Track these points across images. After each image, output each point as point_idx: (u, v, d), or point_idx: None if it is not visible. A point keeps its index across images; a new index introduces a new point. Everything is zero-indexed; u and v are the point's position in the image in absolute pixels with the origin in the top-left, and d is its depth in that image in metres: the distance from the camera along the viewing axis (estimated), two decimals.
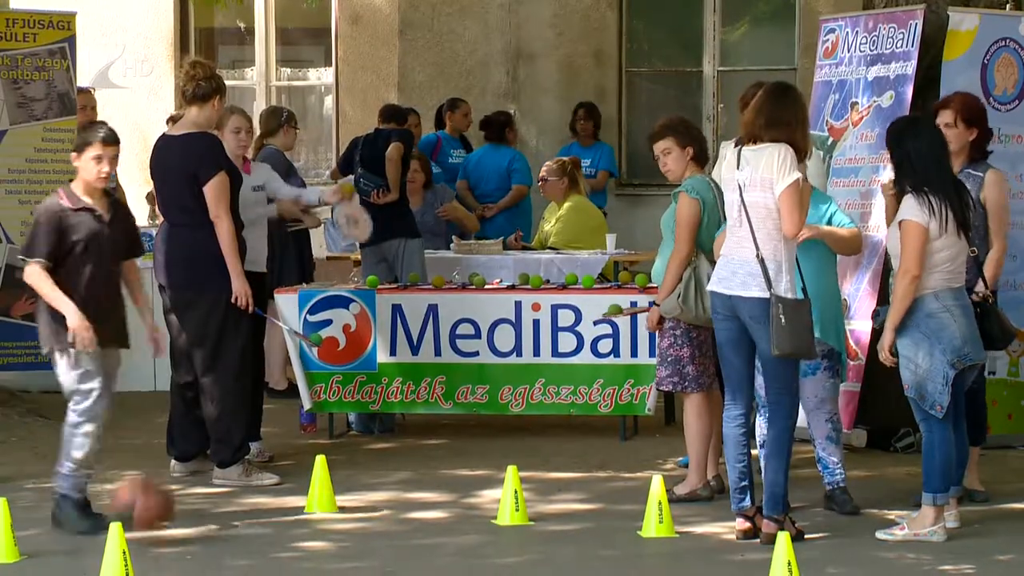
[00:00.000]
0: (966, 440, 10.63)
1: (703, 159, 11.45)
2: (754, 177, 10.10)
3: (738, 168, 10.21)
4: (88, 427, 10.39)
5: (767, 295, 9.99)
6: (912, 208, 10.13)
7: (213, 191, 11.78)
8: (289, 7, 20.59)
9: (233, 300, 11.86)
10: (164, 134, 12.96)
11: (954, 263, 10.21)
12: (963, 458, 10.55)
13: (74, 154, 9.90)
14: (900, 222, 10.24)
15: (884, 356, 10.32)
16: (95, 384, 10.33)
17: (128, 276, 10.63)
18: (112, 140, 10.19)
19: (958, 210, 10.16)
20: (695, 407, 11.41)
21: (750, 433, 10.47)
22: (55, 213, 10.18)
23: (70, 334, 10.05)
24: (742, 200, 10.12)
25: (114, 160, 10.22)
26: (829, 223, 11.07)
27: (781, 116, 10.21)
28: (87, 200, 10.19)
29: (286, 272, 15.09)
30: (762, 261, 10.02)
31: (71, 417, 10.49)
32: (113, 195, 10.54)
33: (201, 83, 12.09)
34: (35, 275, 10.17)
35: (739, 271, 10.17)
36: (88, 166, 10.07)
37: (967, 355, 10.18)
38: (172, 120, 16.35)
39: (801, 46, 18.89)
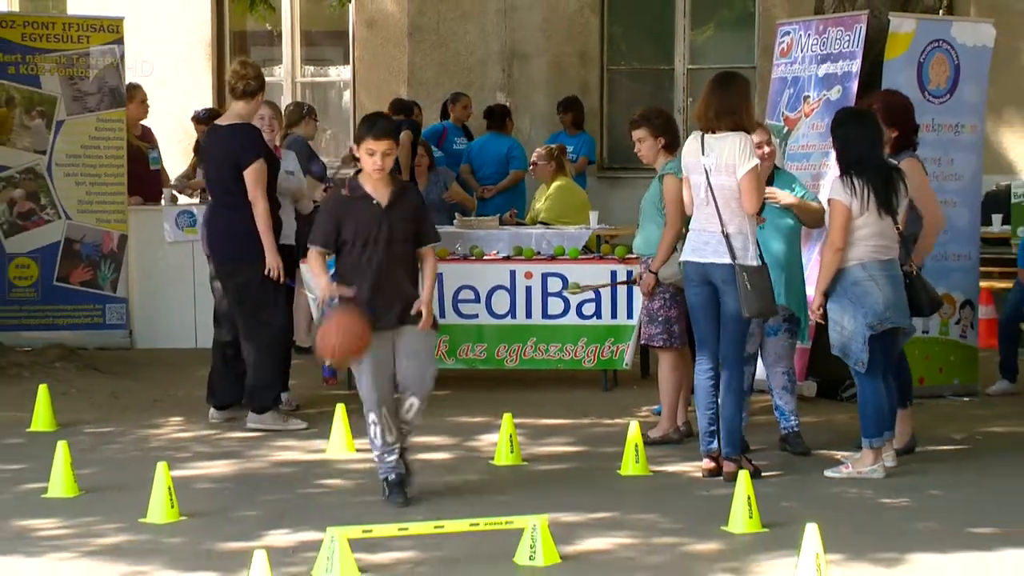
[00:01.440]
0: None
1: (674, 147, 11.50)
2: (719, 163, 10.20)
3: (703, 154, 10.28)
4: (371, 416, 9.50)
5: (733, 262, 10.15)
6: (837, 189, 10.35)
7: (252, 175, 11.86)
8: (312, 12, 20.56)
9: (267, 272, 11.97)
10: (213, 124, 13.05)
11: (880, 238, 10.29)
12: (895, 406, 10.63)
13: (354, 145, 9.41)
14: (828, 200, 10.38)
15: (813, 315, 10.62)
16: (364, 368, 9.42)
17: (425, 262, 9.68)
18: (384, 135, 9.34)
19: (881, 192, 10.27)
20: (672, 361, 11.51)
21: (717, 385, 10.53)
22: (334, 202, 9.81)
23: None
24: (708, 183, 10.22)
25: (387, 155, 9.33)
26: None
27: (727, 105, 10.34)
28: (366, 189, 9.42)
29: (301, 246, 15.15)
30: (727, 236, 10.16)
31: None
32: (400, 184, 9.73)
33: (251, 81, 12.22)
34: (311, 259, 9.64)
35: (710, 241, 10.28)
36: (364, 158, 9.34)
37: (888, 319, 10.28)
38: (196, 119, 16.39)
39: (760, 47, 18.88)
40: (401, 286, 9.45)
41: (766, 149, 10.97)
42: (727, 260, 10.20)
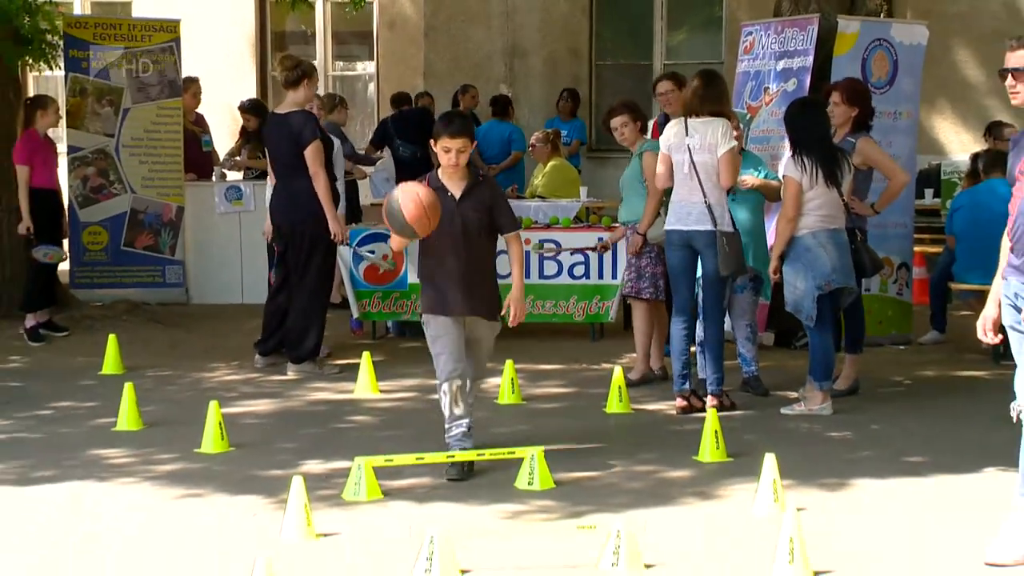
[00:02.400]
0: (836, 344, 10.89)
1: (645, 130, 11.57)
2: (702, 143, 10.41)
3: (687, 136, 10.45)
4: (443, 387, 8.72)
5: (714, 228, 10.35)
6: (789, 166, 10.48)
7: (311, 153, 11.85)
8: (341, 16, 20.48)
9: (332, 237, 12.05)
10: (272, 112, 13.13)
11: (828, 208, 10.40)
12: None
13: (432, 140, 8.63)
14: (782, 177, 10.45)
15: (771, 276, 10.70)
16: (439, 348, 8.69)
17: (509, 250, 8.83)
18: (459, 133, 8.54)
19: (827, 169, 10.36)
20: (653, 313, 11.63)
21: (691, 337, 10.69)
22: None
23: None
24: (692, 160, 10.39)
25: (461, 152, 8.54)
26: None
27: (713, 95, 10.60)
28: (442, 181, 8.62)
29: (354, 216, 15.21)
30: (708, 206, 10.36)
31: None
32: (477, 177, 8.85)
33: (292, 72, 12.13)
34: (392, 241, 8.77)
35: (693, 211, 10.45)
36: (440, 154, 8.59)
37: (834, 280, 10.37)
38: (242, 108, 16.36)
39: (726, 45, 18.83)
40: (473, 276, 8.65)
41: (734, 133, 10.99)
42: (709, 227, 10.40)
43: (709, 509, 8.12)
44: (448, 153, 8.50)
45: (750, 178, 11.09)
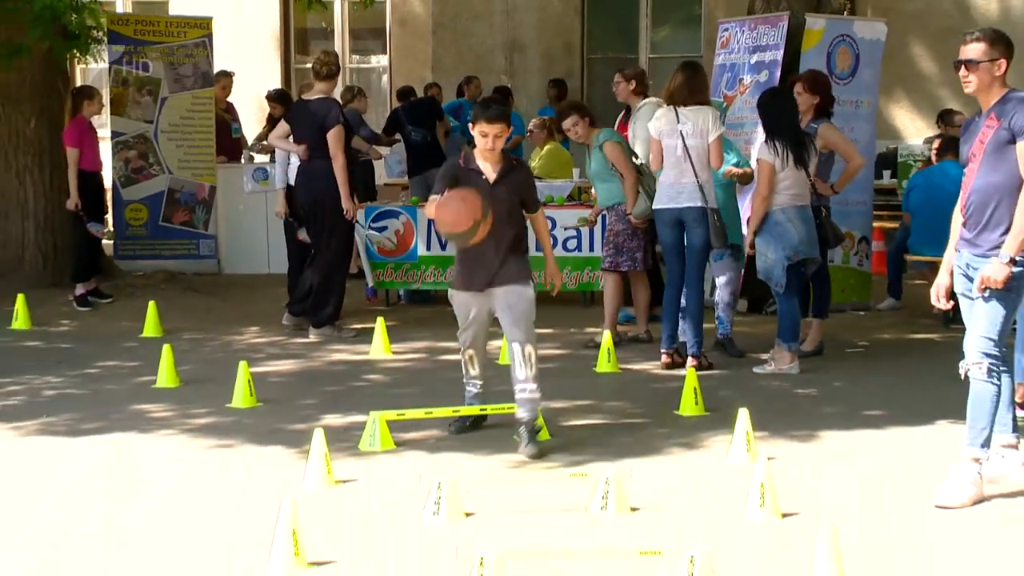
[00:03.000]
0: (803, 309, 10.96)
1: (594, 124, 11.64)
2: (694, 129, 10.53)
3: (678, 122, 10.54)
4: (466, 353, 8.65)
5: (704, 205, 10.50)
6: (763, 150, 10.52)
7: (333, 137, 11.87)
8: (356, 14, 20.43)
9: (344, 213, 12.02)
10: (299, 98, 13.18)
11: (796, 187, 10.47)
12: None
13: (471, 124, 8.18)
14: (756, 159, 10.52)
15: (747, 250, 10.76)
16: (460, 322, 8.50)
17: (536, 227, 8.52)
18: (497, 118, 8.14)
19: (796, 152, 10.40)
20: (617, 284, 11.69)
21: (679, 304, 10.72)
22: (450, 167, 8.35)
23: None
24: (684, 144, 10.50)
25: (498, 136, 8.13)
26: (737, 165, 11.41)
27: (699, 85, 10.77)
28: (478, 163, 8.18)
29: (357, 193, 15.15)
30: (700, 185, 10.50)
31: None
32: (511, 161, 8.39)
33: (332, 67, 12.29)
34: (428, 202, 8.41)
35: (684, 191, 10.55)
36: (477, 138, 8.14)
37: (801, 251, 10.44)
38: (269, 97, 16.34)
39: (704, 41, 18.77)
40: (503, 250, 8.13)
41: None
42: (700, 204, 10.51)
43: (688, 458, 8.13)
44: (485, 138, 8.12)
45: (734, 169, 11.20)
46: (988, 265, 6.94)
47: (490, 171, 8.18)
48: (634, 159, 11.44)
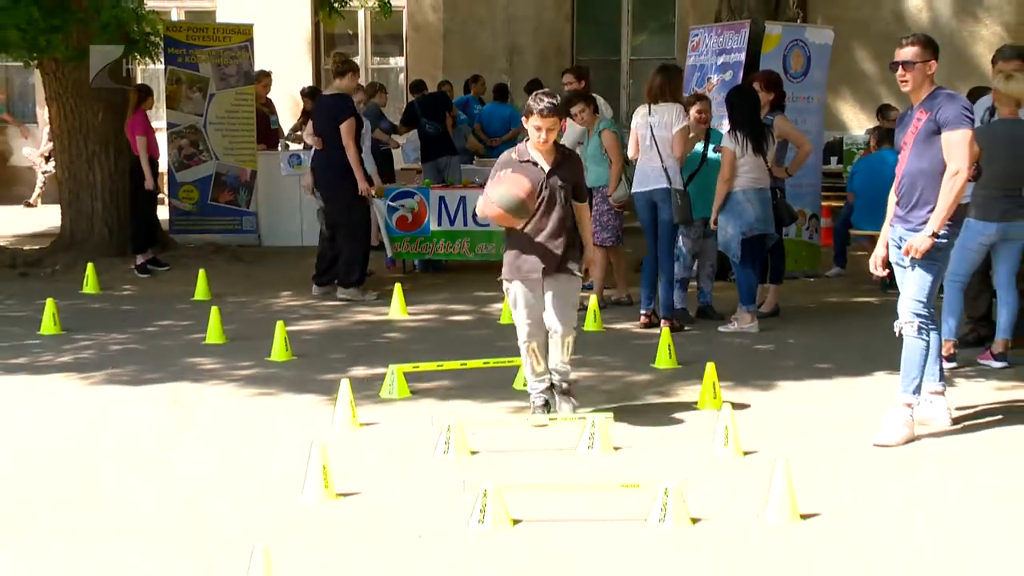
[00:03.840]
0: (761, 277, 10.97)
1: (597, 111, 11.63)
2: (661, 122, 10.47)
3: (650, 115, 10.53)
4: (522, 348, 7.67)
5: (669, 186, 10.44)
6: (727, 140, 10.49)
7: (345, 129, 11.89)
8: (377, 21, 20.34)
9: (360, 192, 12.06)
10: (320, 94, 13.12)
11: (755, 172, 10.46)
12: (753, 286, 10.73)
13: (524, 117, 7.41)
14: (722, 148, 10.51)
15: (711, 225, 10.67)
16: (517, 314, 7.58)
17: (579, 216, 7.61)
18: (549, 112, 7.27)
19: (756, 141, 10.39)
20: (604, 255, 11.60)
21: (656, 272, 10.69)
22: (506, 160, 7.54)
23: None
24: (652, 135, 10.44)
25: (552, 131, 7.36)
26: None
27: (671, 87, 10.64)
28: (532, 154, 7.41)
29: (389, 176, 15.26)
30: (665, 169, 10.43)
31: None
32: (563, 152, 7.61)
33: (339, 65, 12.30)
34: (480, 203, 7.47)
35: (651, 175, 10.51)
36: (531, 130, 7.35)
37: (756, 228, 10.44)
38: (303, 93, 16.29)
39: (678, 45, 18.66)
40: (556, 238, 7.38)
41: (703, 115, 11.15)
42: (665, 185, 10.45)
43: (663, 405, 8.14)
44: (539, 131, 7.31)
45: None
46: (917, 237, 7.03)
47: (545, 161, 7.42)
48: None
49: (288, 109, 19.00)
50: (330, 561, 5.36)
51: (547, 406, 7.62)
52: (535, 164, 7.41)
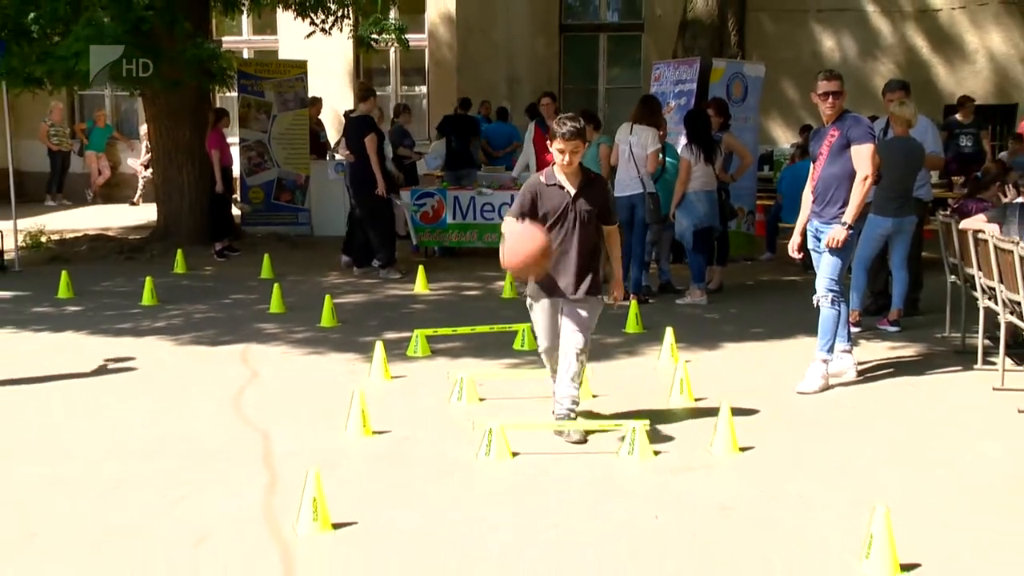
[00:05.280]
0: (709, 260, 10.86)
1: (598, 127, 11.40)
2: (639, 141, 10.41)
3: (631, 134, 10.45)
4: (546, 365, 6.45)
5: (643, 191, 10.40)
6: (684, 151, 10.45)
7: (368, 143, 11.80)
8: (404, 56, 20.22)
9: (378, 191, 11.92)
10: (349, 115, 13.07)
11: (706, 177, 10.40)
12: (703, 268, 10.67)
13: (548, 141, 6.03)
14: (680, 158, 10.43)
15: (671, 219, 10.61)
16: (538, 330, 6.28)
17: (607, 240, 6.26)
18: (572, 136, 5.94)
19: (707, 153, 10.38)
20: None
21: (629, 258, 10.56)
22: (532, 184, 6.15)
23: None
24: (631, 151, 10.40)
25: (575, 153, 5.97)
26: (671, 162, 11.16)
27: (649, 113, 10.60)
28: (559, 178, 6.05)
29: (412, 179, 15.16)
30: (641, 179, 10.38)
31: None
32: (590, 176, 6.16)
33: (361, 91, 12.34)
34: (506, 221, 6.02)
35: (630, 183, 10.44)
36: (555, 154, 5.98)
37: (704, 222, 10.42)
38: (345, 115, 16.20)
39: (644, 76, 18.55)
40: (582, 261, 6.09)
41: (659, 135, 11.00)
42: (641, 190, 10.40)
43: (631, 361, 8.10)
44: (563, 154, 5.97)
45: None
46: (833, 229, 7.04)
47: (571, 185, 6.09)
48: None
49: (333, 127, 18.89)
50: (366, 482, 5.35)
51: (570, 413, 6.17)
52: (561, 187, 6.12)
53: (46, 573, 4.35)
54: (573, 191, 6.11)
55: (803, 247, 7.37)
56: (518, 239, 5.81)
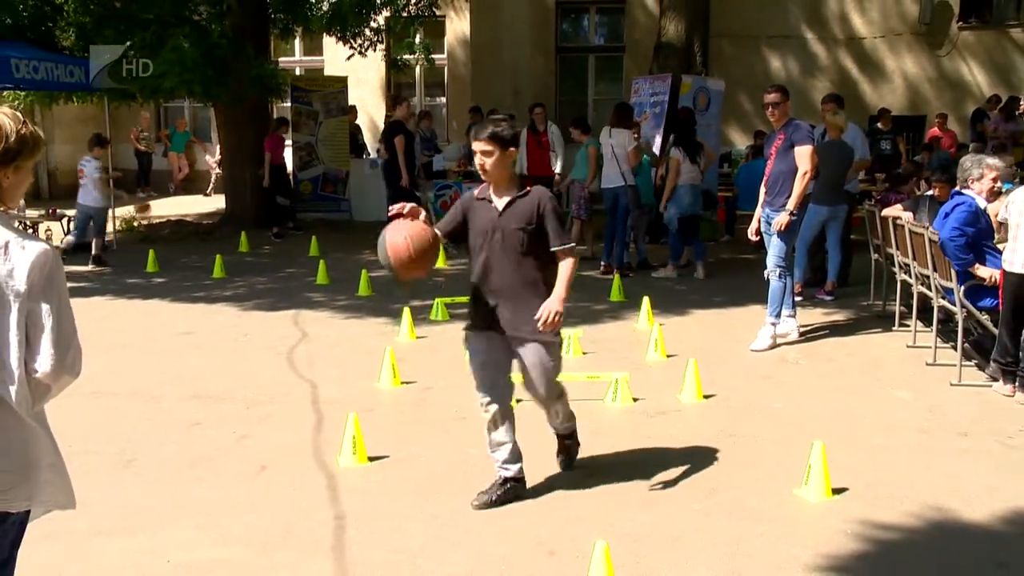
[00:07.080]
0: (685, 241, 10.68)
1: (588, 131, 11.23)
2: (619, 142, 10.25)
3: (610, 137, 10.31)
4: (481, 410, 4.35)
5: (625, 184, 10.22)
6: (674, 152, 10.28)
7: (397, 144, 11.65)
8: (428, 72, 20.09)
9: (401, 183, 11.75)
10: (387, 120, 12.95)
11: (691, 174, 10.28)
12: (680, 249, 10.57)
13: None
14: (670, 157, 10.34)
15: (660, 208, 10.50)
16: (473, 367, 4.35)
17: (559, 266, 4.23)
18: (479, 135, 4.11)
19: (691, 152, 10.23)
20: (580, 226, 11.33)
21: (613, 239, 10.46)
22: (465, 199, 4.30)
23: None
24: (613, 150, 10.25)
25: (486, 155, 4.08)
26: (645, 162, 11.11)
27: (624, 118, 10.44)
28: (488, 192, 4.17)
29: (430, 176, 15.08)
30: (622, 172, 10.21)
31: None
32: (523, 189, 4.15)
33: (395, 100, 12.45)
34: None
35: (614, 177, 10.29)
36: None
37: (687, 210, 10.21)
38: (385, 119, 16.07)
39: (624, 89, 18.38)
40: (517, 293, 4.22)
41: (635, 137, 10.90)
42: (622, 183, 10.25)
43: (615, 324, 8.06)
44: (476, 155, 4.14)
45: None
46: (779, 215, 7.07)
47: (500, 200, 4.15)
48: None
49: (369, 131, 18.77)
50: (395, 423, 5.35)
51: (504, 482, 4.32)
52: (489, 202, 4.18)
53: (141, 491, 4.41)
54: (500, 207, 4.13)
55: (759, 231, 7.37)
56: (391, 233, 4.11)
